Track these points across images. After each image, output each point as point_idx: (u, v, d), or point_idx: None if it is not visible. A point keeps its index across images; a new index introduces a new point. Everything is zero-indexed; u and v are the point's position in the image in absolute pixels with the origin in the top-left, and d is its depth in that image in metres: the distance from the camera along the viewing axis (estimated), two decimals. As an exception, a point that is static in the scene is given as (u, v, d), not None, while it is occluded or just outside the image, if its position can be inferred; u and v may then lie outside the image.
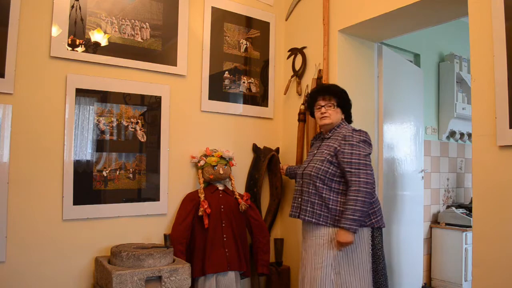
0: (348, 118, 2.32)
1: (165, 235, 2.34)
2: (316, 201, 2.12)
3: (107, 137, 2.43)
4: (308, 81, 2.92)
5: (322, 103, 2.23)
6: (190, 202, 2.59)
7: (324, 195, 2.11)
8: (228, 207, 2.64)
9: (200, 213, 2.51)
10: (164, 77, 2.64)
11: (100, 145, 2.40)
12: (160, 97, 2.61)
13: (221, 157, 2.68)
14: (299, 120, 2.92)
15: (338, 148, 2.12)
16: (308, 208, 2.13)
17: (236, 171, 2.90)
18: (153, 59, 2.58)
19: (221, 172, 2.63)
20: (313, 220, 2.11)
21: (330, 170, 2.11)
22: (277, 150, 3.07)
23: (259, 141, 3.07)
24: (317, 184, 2.11)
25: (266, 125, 3.13)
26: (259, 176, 2.96)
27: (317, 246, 2.11)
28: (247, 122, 3.02)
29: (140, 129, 2.54)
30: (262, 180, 2.96)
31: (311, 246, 2.14)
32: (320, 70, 2.80)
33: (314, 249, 2.12)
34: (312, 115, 2.39)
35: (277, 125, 3.19)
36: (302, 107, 2.91)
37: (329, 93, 2.24)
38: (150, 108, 2.58)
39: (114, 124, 2.45)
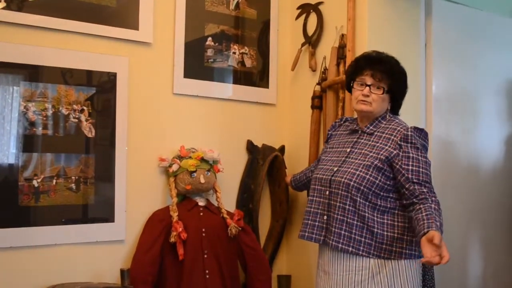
0: (396, 109, 2.30)
1: (122, 271, 2.34)
2: (356, 222, 2.10)
3: (39, 131, 2.43)
4: (326, 51, 2.89)
5: (368, 81, 2.19)
6: (158, 223, 2.60)
7: (367, 214, 2.10)
8: (212, 230, 2.64)
9: (172, 240, 2.51)
10: (120, 45, 2.64)
11: (29, 143, 2.40)
12: (115, 74, 2.62)
13: (202, 160, 2.68)
14: (313, 106, 2.91)
15: (395, 152, 2.11)
16: (343, 232, 2.11)
17: (224, 180, 2.89)
18: (105, 20, 2.59)
19: (202, 181, 2.63)
20: (351, 248, 2.09)
21: (378, 182, 2.10)
22: (282, 149, 3.09)
23: (257, 136, 3.07)
24: (358, 199, 2.10)
25: (267, 113, 3.14)
26: (256, 186, 2.96)
27: (352, 285, 2.10)
28: (239, 109, 3.03)
29: (87, 120, 2.55)
30: (260, 192, 2.97)
31: (343, 284, 2.12)
32: (342, 35, 2.78)
33: None
34: (348, 89, 2.35)
35: (282, 113, 3.20)
36: (318, 88, 2.89)
37: (382, 70, 2.18)
38: (101, 90, 2.60)
39: (49, 113, 2.45)
